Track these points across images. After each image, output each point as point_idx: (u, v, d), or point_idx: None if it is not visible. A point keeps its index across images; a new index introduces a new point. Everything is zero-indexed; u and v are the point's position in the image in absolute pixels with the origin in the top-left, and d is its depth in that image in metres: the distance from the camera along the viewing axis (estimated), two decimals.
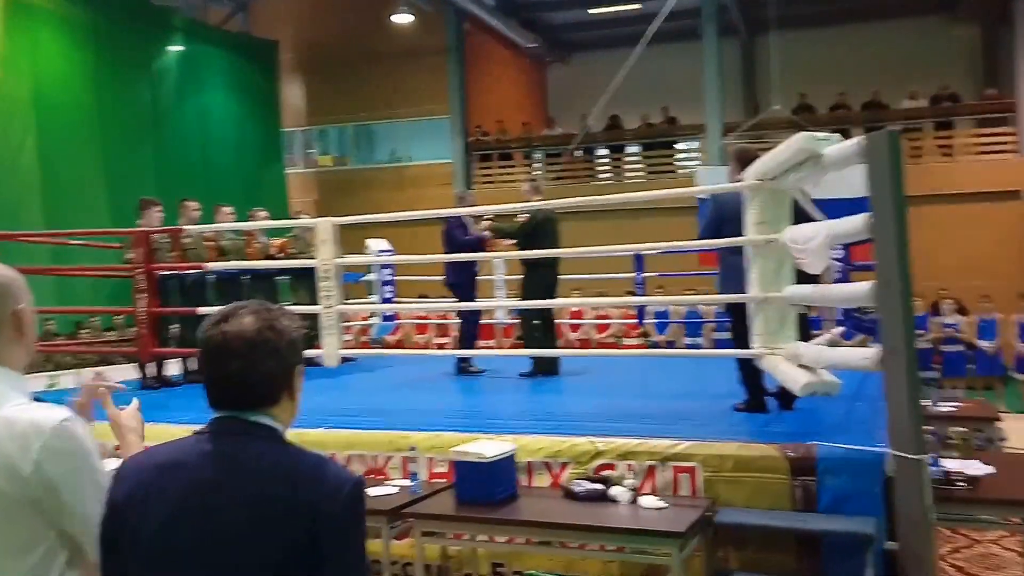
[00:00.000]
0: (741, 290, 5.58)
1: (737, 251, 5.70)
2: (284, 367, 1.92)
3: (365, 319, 10.30)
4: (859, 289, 4.41)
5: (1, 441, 1.96)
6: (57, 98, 16.20)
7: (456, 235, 9.05)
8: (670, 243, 7.29)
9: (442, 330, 15.41)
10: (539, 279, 8.55)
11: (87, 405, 2.56)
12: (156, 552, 1.81)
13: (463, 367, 9.23)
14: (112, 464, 2.12)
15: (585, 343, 15.02)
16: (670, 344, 15.06)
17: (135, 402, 2.57)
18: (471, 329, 9.63)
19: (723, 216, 5.84)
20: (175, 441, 1.98)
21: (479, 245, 9.06)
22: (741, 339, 5.74)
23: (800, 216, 5.46)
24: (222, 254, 9.27)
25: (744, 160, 5.88)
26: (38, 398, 2.13)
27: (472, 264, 9.18)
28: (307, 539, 1.77)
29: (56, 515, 2.00)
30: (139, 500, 1.85)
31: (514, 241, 8.72)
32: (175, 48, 19.76)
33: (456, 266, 9.02)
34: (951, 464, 4.68)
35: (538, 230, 8.44)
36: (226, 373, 1.88)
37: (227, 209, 9.60)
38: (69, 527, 2.02)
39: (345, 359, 9.26)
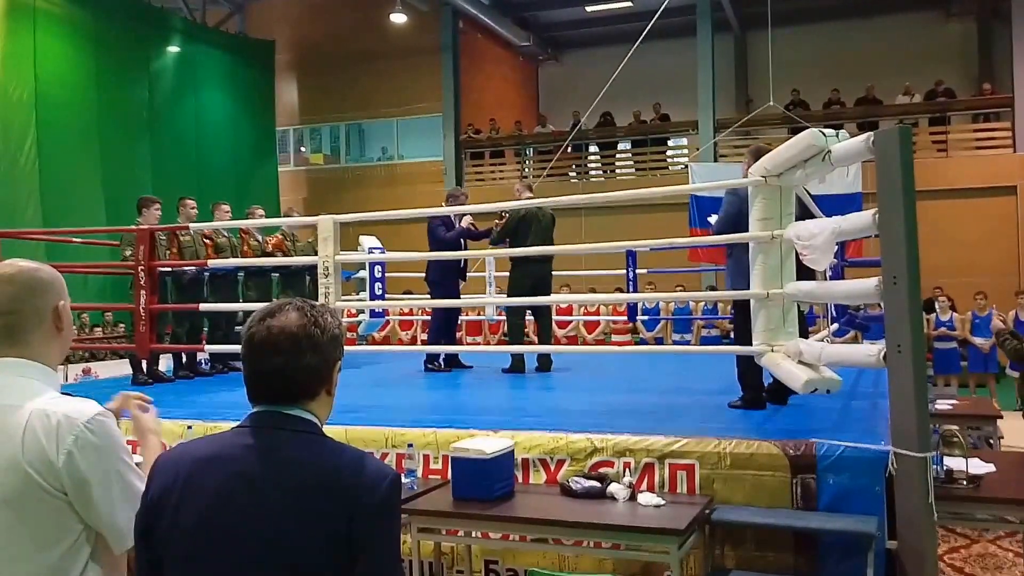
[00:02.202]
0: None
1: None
2: (325, 362, 1.96)
3: (353, 316, 10.27)
4: (864, 285, 4.37)
5: (35, 433, 2.00)
6: (57, 98, 16.42)
7: (439, 232, 9.13)
8: (671, 239, 7.23)
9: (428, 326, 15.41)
10: (520, 276, 8.66)
11: (118, 413, 2.55)
12: (193, 545, 1.83)
13: (434, 365, 9.32)
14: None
15: (573, 340, 14.96)
16: (659, 341, 15.04)
17: (153, 409, 2.59)
18: (451, 326, 9.78)
19: (744, 211, 5.75)
20: (214, 435, 2.01)
21: (461, 242, 9.17)
22: (743, 336, 5.70)
23: (801, 213, 5.42)
24: (217, 251, 9.27)
25: (761, 157, 5.85)
26: (67, 392, 2.17)
27: (454, 262, 9.17)
28: (345, 532, 1.78)
29: (83, 507, 2.03)
30: (176, 493, 1.86)
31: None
32: (173, 49, 20.06)
33: (438, 263, 9.09)
34: (953, 462, 4.64)
35: (519, 228, 8.60)
36: (270, 368, 1.90)
37: (225, 207, 9.65)
38: (95, 520, 2.05)
39: None
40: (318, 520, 1.78)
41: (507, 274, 9.18)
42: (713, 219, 7.32)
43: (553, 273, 9.00)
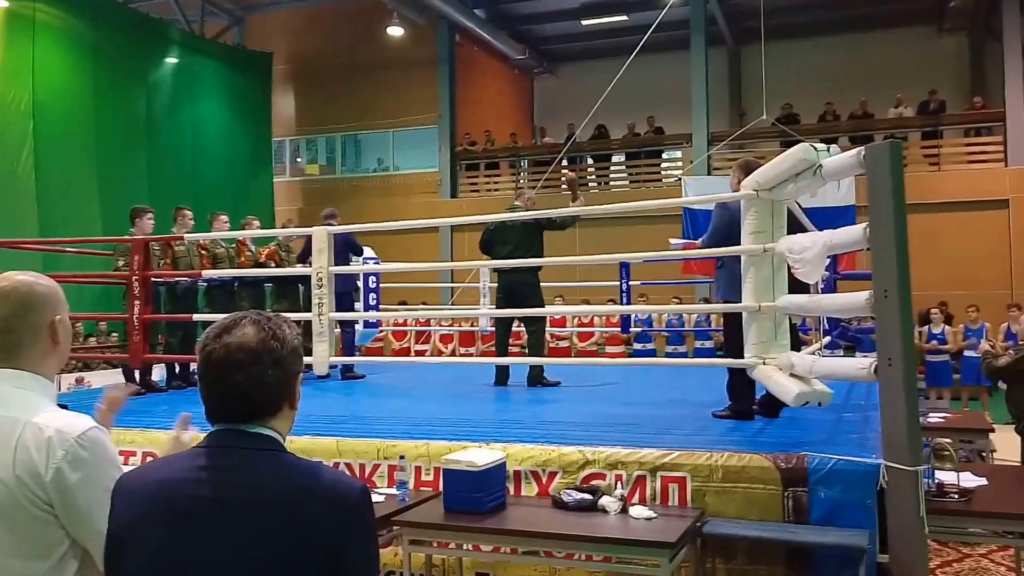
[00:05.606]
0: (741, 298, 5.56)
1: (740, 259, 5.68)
2: (287, 376, 1.87)
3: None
4: (855, 299, 4.37)
5: (28, 447, 1.99)
6: (54, 108, 16.55)
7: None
8: (665, 252, 7.28)
9: (422, 336, 15.53)
10: (498, 288, 8.82)
11: (108, 415, 2.53)
12: (158, 571, 1.75)
13: (349, 374, 9.57)
14: None
15: (566, 350, 14.98)
16: (651, 352, 15.07)
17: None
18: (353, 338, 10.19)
19: (736, 220, 5.74)
20: (172, 456, 1.95)
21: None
22: (735, 348, 5.70)
23: (793, 226, 5.43)
24: (214, 262, 9.27)
25: (749, 171, 5.86)
26: (63, 405, 2.16)
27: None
28: (311, 553, 1.71)
29: (71, 522, 2.01)
30: (138, 517, 1.79)
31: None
32: (171, 60, 20.24)
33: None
34: (945, 476, 4.65)
35: (490, 240, 8.74)
36: (229, 386, 1.82)
37: (224, 217, 9.70)
38: (81, 535, 2.03)
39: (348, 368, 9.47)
40: (283, 543, 1.71)
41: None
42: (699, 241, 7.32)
43: (546, 284, 8.96)
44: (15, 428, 2.01)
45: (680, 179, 17.43)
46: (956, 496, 4.59)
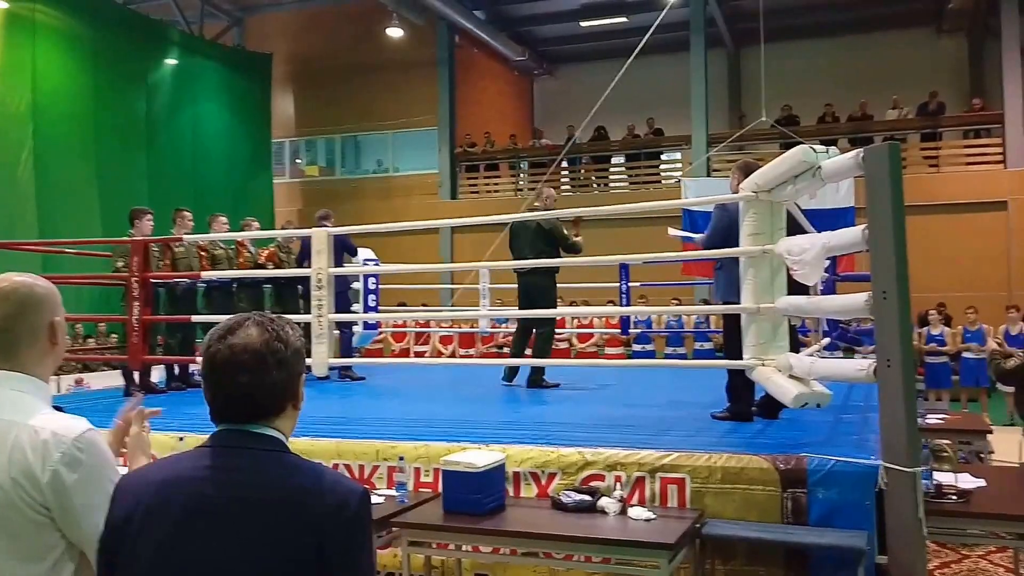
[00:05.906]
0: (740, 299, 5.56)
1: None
2: (290, 377, 1.89)
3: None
4: (854, 300, 4.38)
5: (24, 450, 1.99)
6: (54, 109, 16.56)
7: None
8: (664, 253, 7.30)
9: (422, 338, 15.53)
10: (518, 288, 8.76)
11: (121, 435, 2.49)
12: (162, 568, 1.75)
13: (346, 374, 9.56)
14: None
15: (565, 352, 14.97)
16: (651, 354, 15.07)
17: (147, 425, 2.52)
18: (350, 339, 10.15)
19: (735, 222, 5.75)
20: (176, 456, 1.95)
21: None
22: (734, 349, 5.71)
23: (792, 228, 5.44)
24: (213, 263, 9.26)
25: (749, 173, 5.87)
26: (57, 406, 2.16)
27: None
28: (314, 553, 1.72)
29: (66, 524, 2.01)
30: (139, 518, 1.79)
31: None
32: (170, 61, 20.26)
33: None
34: (943, 477, 4.65)
35: (510, 241, 8.75)
36: (234, 387, 1.83)
37: (222, 219, 9.68)
38: (78, 537, 2.02)
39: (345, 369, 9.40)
40: (284, 544, 1.72)
41: (498, 286, 9.18)
42: (697, 236, 7.31)
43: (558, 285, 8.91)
44: (10, 431, 2.01)
45: (679, 180, 17.43)
46: (954, 497, 4.60)
